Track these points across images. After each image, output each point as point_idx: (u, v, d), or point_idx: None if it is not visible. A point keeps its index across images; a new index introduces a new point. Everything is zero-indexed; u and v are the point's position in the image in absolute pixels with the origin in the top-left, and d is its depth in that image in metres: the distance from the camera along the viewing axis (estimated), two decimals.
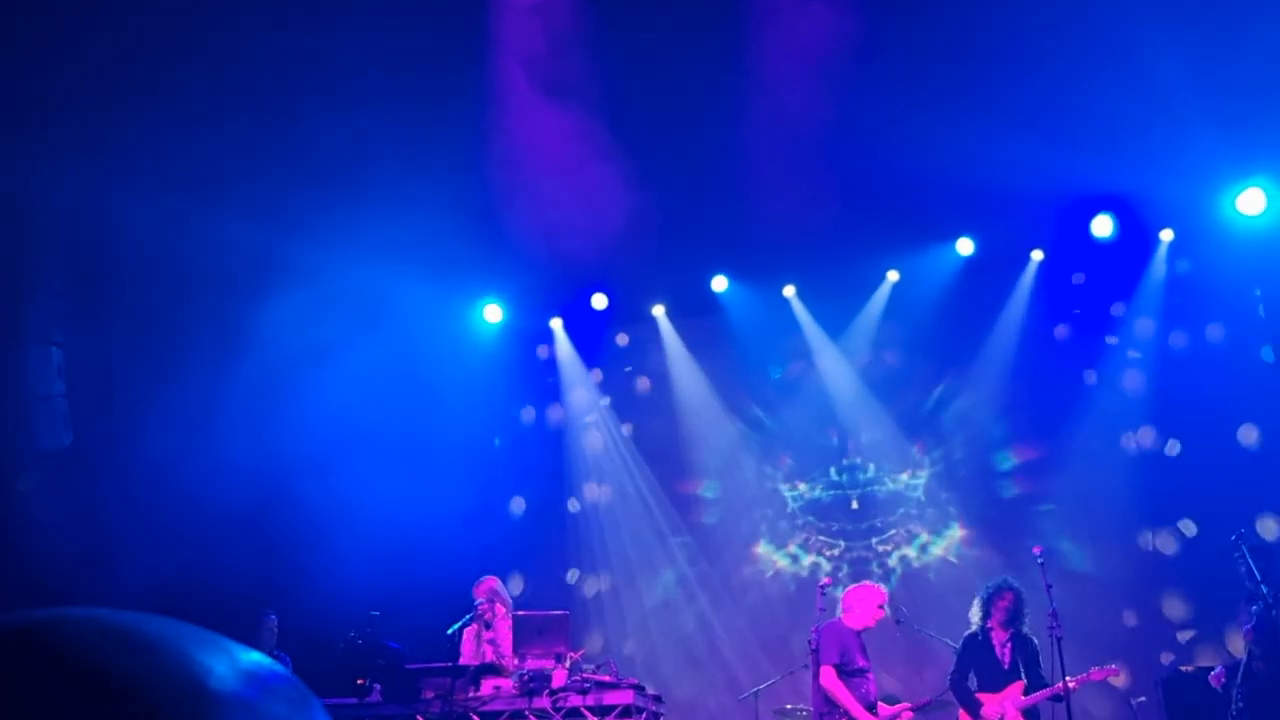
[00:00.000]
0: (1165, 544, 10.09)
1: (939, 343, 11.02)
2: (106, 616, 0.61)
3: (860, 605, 7.75)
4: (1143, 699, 8.69)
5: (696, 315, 11.72)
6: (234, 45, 7.54)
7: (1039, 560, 7.47)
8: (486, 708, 7.54)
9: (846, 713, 7.35)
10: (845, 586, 8.13)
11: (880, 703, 7.61)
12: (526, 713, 7.48)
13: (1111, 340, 10.59)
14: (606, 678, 7.57)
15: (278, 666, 0.65)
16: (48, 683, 0.56)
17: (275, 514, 9.38)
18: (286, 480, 9.43)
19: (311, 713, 0.61)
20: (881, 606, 7.81)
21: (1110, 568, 10.20)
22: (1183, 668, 9.00)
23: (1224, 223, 10.05)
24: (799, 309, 11.40)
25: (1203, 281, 10.33)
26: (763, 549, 11.42)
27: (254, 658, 0.64)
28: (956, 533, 10.91)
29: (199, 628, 0.65)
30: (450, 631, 8.02)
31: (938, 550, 10.96)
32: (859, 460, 11.37)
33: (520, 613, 8.20)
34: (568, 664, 7.63)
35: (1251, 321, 10.16)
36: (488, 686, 7.65)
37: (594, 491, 11.98)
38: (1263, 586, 7.23)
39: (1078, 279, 10.81)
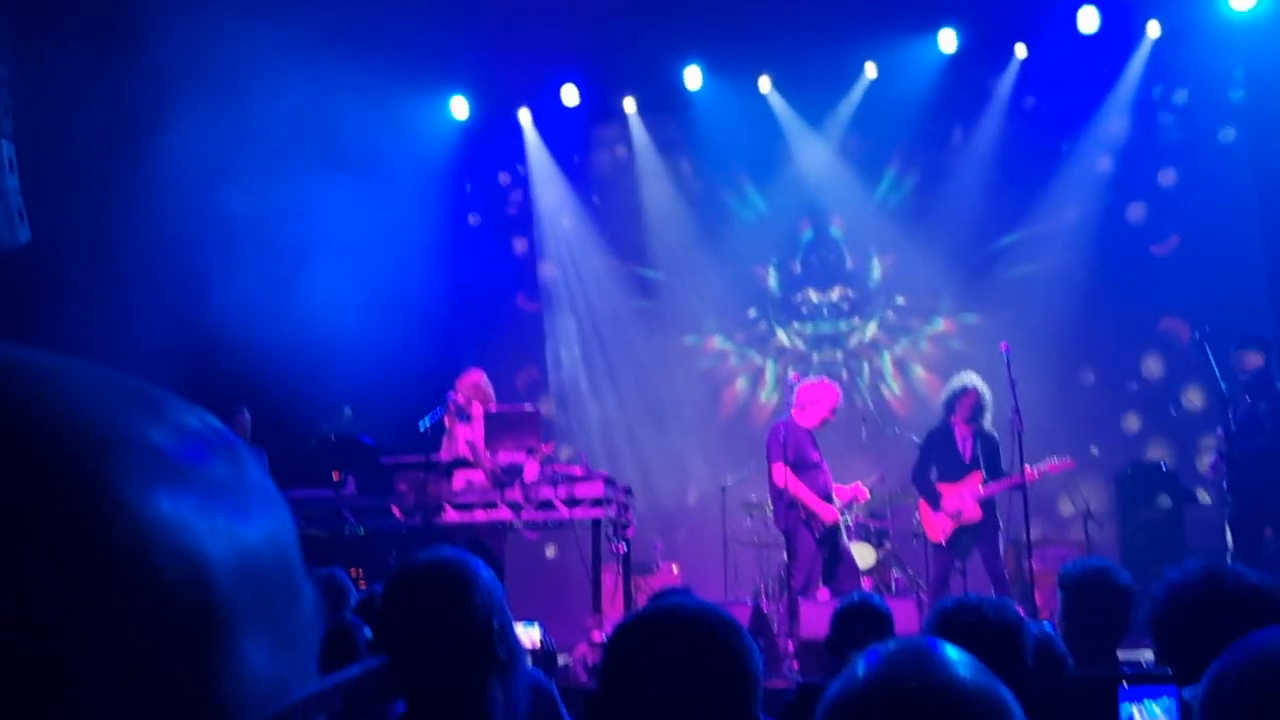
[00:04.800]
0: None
1: (916, 134, 10.85)
2: None
3: (813, 403, 7.81)
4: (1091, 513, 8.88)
5: (668, 111, 11.44)
6: None
7: (1005, 356, 7.56)
8: (460, 500, 7.72)
9: (803, 505, 7.55)
10: (802, 381, 8.14)
11: (836, 485, 7.80)
12: (499, 505, 7.67)
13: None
14: (577, 470, 7.73)
15: (214, 420, 0.53)
16: None
17: (248, 310, 9.28)
18: (258, 278, 9.31)
19: (248, 470, 0.52)
20: (833, 409, 7.89)
21: (1083, 359, 10.38)
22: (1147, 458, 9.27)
23: (1211, 16, 9.81)
24: (775, 100, 11.12)
25: (1185, 71, 10.19)
26: (722, 342, 11.55)
27: (189, 411, 0.52)
28: (936, 326, 11.04)
29: (122, 374, 0.52)
30: (423, 427, 8.11)
31: (909, 344, 11.11)
32: (834, 253, 11.38)
33: (491, 408, 8.27)
34: (539, 458, 7.76)
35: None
36: (460, 480, 7.80)
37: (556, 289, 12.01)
38: (1222, 384, 7.38)
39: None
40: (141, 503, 0.44)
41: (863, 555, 8.37)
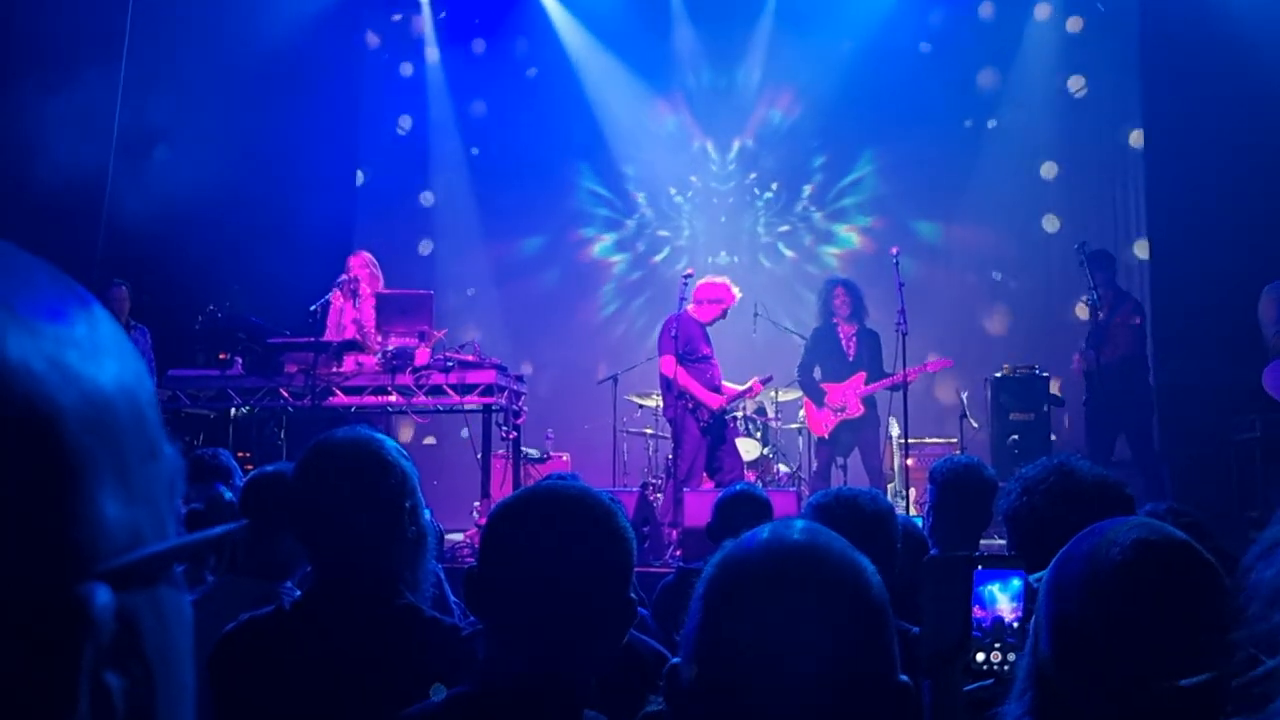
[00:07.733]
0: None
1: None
2: None
3: (710, 300, 7.85)
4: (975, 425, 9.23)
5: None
6: None
7: (894, 260, 7.71)
8: (349, 383, 7.63)
9: (690, 395, 7.66)
10: (704, 278, 8.19)
11: (725, 384, 7.93)
12: (389, 389, 7.61)
13: None
14: (470, 357, 7.69)
15: (67, 278, 0.51)
16: None
17: (130, 179, 8.90)
18: (141, 148, 8.92)
19: (101, 327, 0.50)
20: (726, 309, 7.95)
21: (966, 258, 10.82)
22: (1004, 369, 9.58)
23: None
24: None
25: None
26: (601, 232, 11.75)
27: (39, 267, 0.50)
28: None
29: None
30: (313, 308, 7.97)
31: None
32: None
33: (383, 291, 8.16)
34: (431, 343, 7.70)
35: None
36: (350, 363, 7.70)
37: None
38: (1094, 292, 7.68)
39: None
40: None
41: (748, 449, 8.57)
